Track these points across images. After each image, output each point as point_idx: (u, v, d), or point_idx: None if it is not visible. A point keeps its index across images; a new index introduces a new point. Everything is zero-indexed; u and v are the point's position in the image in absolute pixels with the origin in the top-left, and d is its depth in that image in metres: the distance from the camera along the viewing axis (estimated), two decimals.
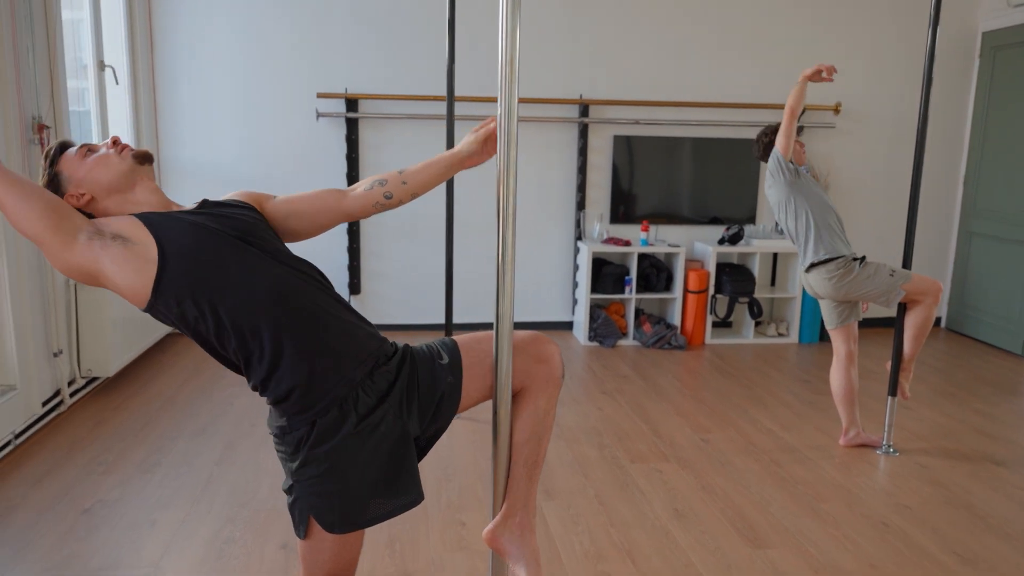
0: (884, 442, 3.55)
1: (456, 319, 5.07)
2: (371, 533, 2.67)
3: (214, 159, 5.17)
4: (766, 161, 3.64)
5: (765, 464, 3.37)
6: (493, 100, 5.15)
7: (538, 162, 5.39)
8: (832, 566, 2.56)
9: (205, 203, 1.65)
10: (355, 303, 5.40)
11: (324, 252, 5.32)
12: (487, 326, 5.40)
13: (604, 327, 5.29)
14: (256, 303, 1.49)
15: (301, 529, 1.60)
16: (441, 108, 5.15)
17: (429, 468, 3.19)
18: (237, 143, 5.17)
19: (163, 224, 1.52)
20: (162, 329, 4.82)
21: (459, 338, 1.74)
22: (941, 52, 5.46)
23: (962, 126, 5.72)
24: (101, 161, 1.58)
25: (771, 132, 3.63)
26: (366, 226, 5.32)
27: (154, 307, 1.49)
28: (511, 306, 1.58)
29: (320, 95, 5.08)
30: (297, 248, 1.85)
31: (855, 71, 5.54)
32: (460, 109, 5.09)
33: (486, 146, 1.75)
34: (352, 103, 5.16)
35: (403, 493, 1.61)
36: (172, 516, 2.78)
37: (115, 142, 1.63)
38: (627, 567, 2.52)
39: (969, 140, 5.70)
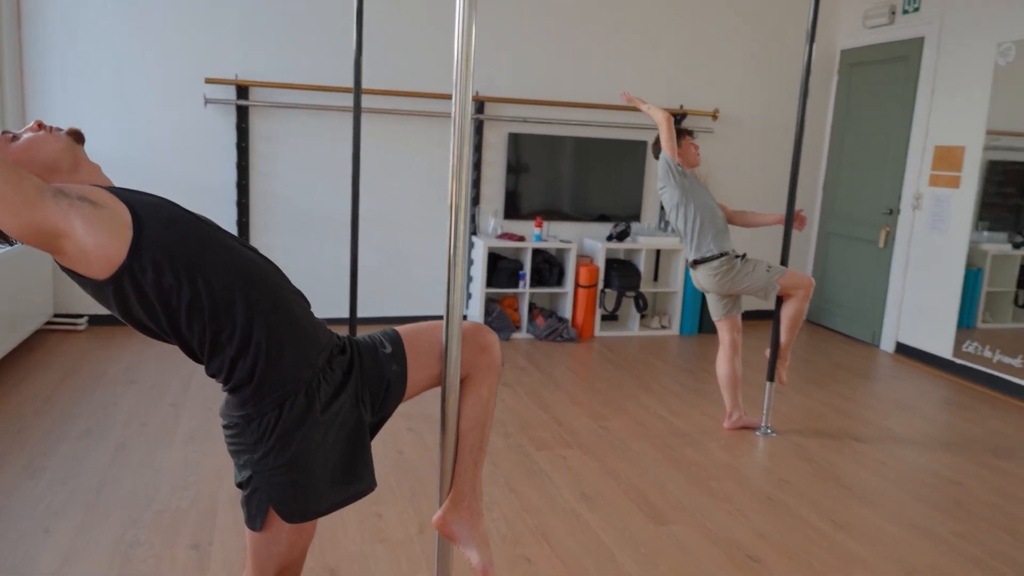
0: (763, 424, 3.85)
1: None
2: None
3: (90, 145, 4.83)
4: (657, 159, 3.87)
5: (660, 448, 3.59)
6: (400, 94, 5.16)
7: (434, 158, 5.41)
8: (727, 538, 2.78)
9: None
10: None
11: None
12: (388, 320, 5.40)
13: (499, 320, 5.39)
14: (233, 278, 1.47)
15: (258, 521, 1.56)
16: (345, 100, 5.08)
17: None
18: (116, 128, 4.87)
19: (129, 194, 1.46)
20: (32, 325, 4.48)
21: (400, 328, 1.77)
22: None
23: (822, 135, 6.25)
24: (34, 142, 1.48)
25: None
26: (256, 218, 5.16)
27: (126, 271, 1.39)
28: (461, 296, 1.63)
29: (208, 80, 4.88)
30: None
31: (731, 80, 5.93)
32: (367, 102, 5.04)
33: None
34: (243, 90, 4.99)
35: (359, 481, 1.63)
36: (67, 523, 2.63)
37: (40, 125, 1.52)
38: (544, 549, 2.63)
39: (828, 148, 6.24)
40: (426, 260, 5.54)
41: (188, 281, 1.43)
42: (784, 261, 3.81)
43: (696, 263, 3.78)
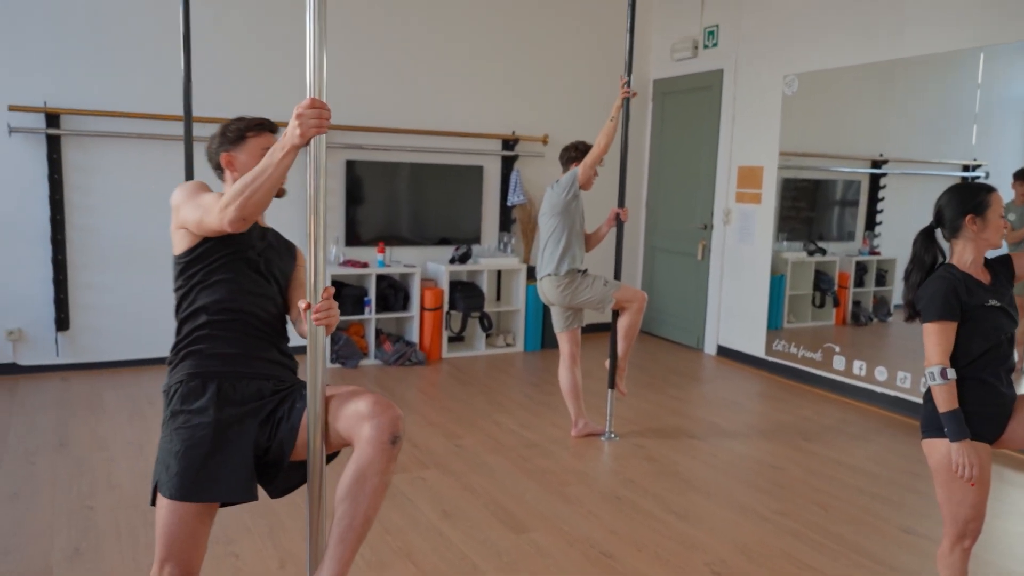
0: (607, 429, 4.10)
1: None
2: (140, 571, 2.51)
3: None
4: (564, 170, 4.02)
5: (514, 460, 3.72)
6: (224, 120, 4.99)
7: None
8: (583, 538, 2.95)
9: (267, 231, 2.02)
10: (63, 340, 4.83)
11: (24, 286, 4.70)
12: None
13: (346, 348, 5.35)
14: (214, 303, 1.84)
15: (151, 494, 1.78)
16: (172, 128, 4.87)
17: None
18: None
19: None
20: None
21: (330, 386, 1.81)
22: None
23: (642, 158, 6.75)
24: None
25: (581, 149, 3.99)
26: (73, 255, 4.79)
27: (186, 255, 1.87)
28: (323, 337, 1.66)
29: (12, 108, 4.50)
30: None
31: (559, 108, 6.28)
32: (197, 130, 4.84)
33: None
34: (53, 118, 4.64)
35: (228, 485, 1.71)
36: None
37: None
38: (409, 569, 2.67)
39: (648, 170, 6.75)
40: None
41: (195, 286, 1.86)
42: (618, 275, 4.10)
43: (546, 276, 3.98)
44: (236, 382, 1.81)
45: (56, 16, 4.62)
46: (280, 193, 1.83)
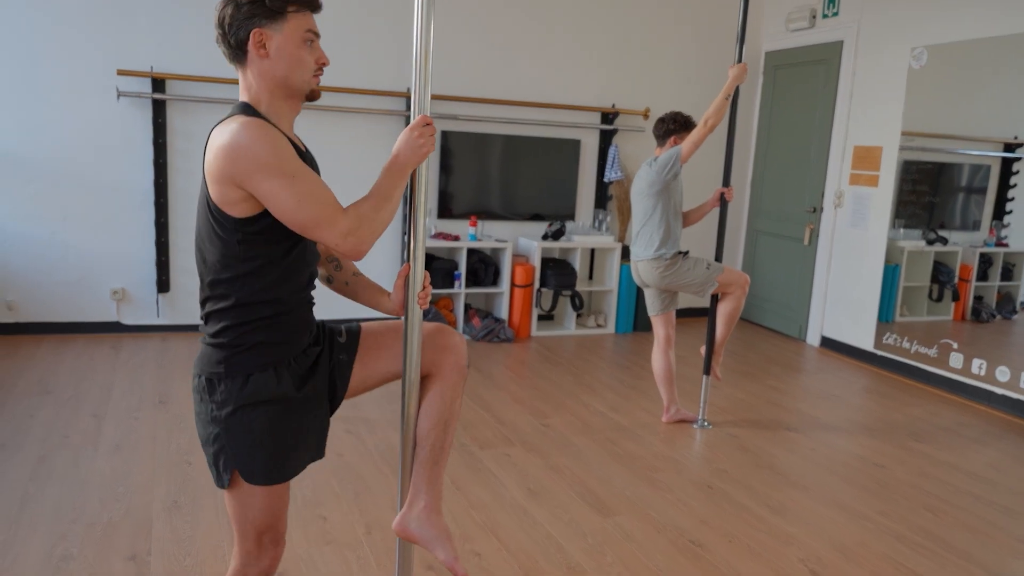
0: (700, 417, 3.95)
1: None
2: (223, 535, 2.56)
3: None
4: (660, 143, 3.85)
5: (601, 442, 3.63)
6: (331, 90, 5.06)
7: (366, 155, 5.34)
8: (671, 525, 2.83)
9: (306, 153, 1.66)
10: (163, 301, 5.03)
11: (128, 247, 4.91)
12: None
13: (434, 322, 5.36)
14: (282, 281, 1.60)
15: (224, 479, 1.63)
16: None
17: None
18: (17, 123, 4.59)
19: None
20: None
21: (365, 324, 1.82)
22: None
23: (749, 135, 6.45)
24: (302, 60, 1.56)
25: (680, 121, 3.79)
26: (175, 219, 4.96)
27: (261, 220, 1.55)
28: (420, 317, 1.64)
29: (121, 72, 4.67)
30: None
31: (661, 80, 6.06)
32: None
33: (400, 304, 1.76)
34: (159, 83, 4.80)
35: (313, 450, 1.73)
36: None
37: (323, 66, 1.62)
38: (493, 544, 2.63)
39: (755, 148, 6.45)
40: (364, 259, 5.45)
41: (258, 268, 1.58)
42: (719, 258, 3.91)
43: (643, 259, 3.82)
44: (299, 358, 1.66)
45: None
46: (313, 96, 1.63)
